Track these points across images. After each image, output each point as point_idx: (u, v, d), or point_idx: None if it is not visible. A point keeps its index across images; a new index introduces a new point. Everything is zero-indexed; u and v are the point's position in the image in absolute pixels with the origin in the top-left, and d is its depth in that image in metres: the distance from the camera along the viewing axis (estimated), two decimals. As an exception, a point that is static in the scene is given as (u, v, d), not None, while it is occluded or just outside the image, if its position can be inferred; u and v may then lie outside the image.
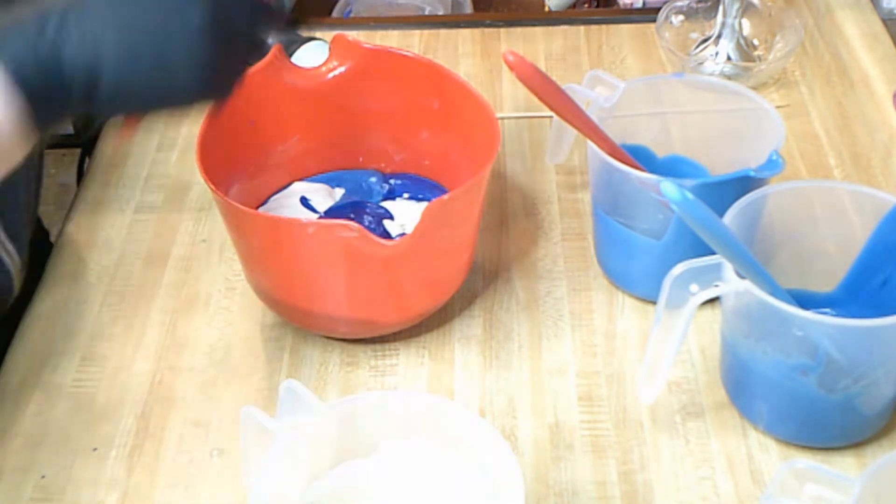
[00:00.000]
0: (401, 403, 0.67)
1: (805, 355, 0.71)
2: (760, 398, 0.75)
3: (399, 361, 0.83)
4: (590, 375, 0.81)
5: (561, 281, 0.89)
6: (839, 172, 0.98)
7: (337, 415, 0.65)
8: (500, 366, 0.82)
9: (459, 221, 0.81)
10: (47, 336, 0.85)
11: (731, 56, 1.08)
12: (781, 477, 0.61)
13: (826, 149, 1.01)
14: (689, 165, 0.90)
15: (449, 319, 0.86)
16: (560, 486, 0.74)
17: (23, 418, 0.79)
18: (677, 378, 0.80)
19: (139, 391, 0.81)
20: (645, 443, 0.76)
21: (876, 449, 0.75)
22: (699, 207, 0.67)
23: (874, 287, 0.79)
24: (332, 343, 0.84)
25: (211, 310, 0.87)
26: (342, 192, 0.93)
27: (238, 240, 0.82)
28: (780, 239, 0.80)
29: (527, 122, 1.04)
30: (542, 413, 0.78)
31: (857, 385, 0.71)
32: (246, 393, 0.81)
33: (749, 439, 0.76)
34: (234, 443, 0.76)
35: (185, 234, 0.94)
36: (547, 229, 0.93)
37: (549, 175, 0.99)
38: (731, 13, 1.07)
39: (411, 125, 0.91)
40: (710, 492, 0.73)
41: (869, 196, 0.78)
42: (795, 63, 1.10)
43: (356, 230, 0.74)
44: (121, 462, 0.76)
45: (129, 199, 0.98)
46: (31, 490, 0.75)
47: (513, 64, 0.75)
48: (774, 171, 0.79)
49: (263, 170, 0.91)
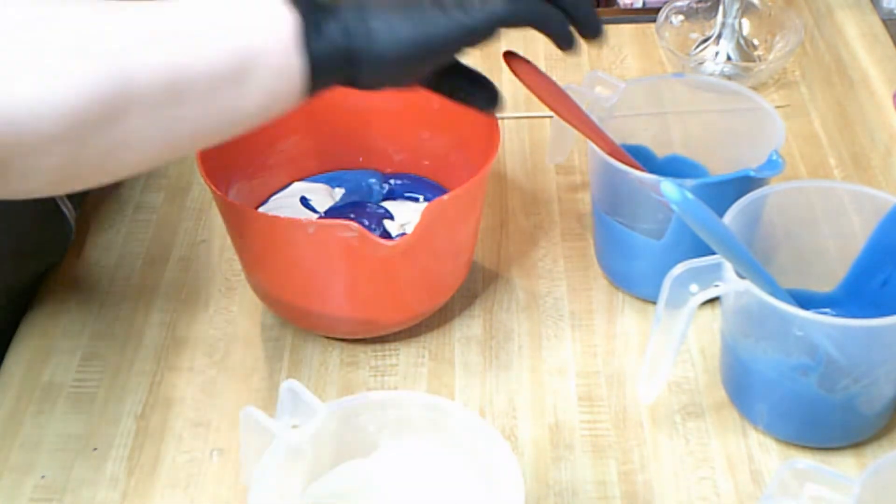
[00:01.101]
0: (401, 403, 0.67)
1: (805, 355, 0.71)
2: (760, 398, 0.75)
3: (399, 361, 0.83)
4: (590, 375, 0.81)
5: (561, 281, 0.89)
6: (839, 172, 0.98)
7: (337, 415, 0.65)
8: (500, 366, 0.82)
9: (459, 221, 0.81)
10: (47, 336, 0.85)
11: (731, 56, 1.08)
12: (781, 477, 0.61)
13: (826, 149, 1.01)
14: (689, 165, 0.90)
15: (449, 319, 0.86)
16: (560, 486, 0.74)
17: (23, 418, 0.79)
18: (677, 378, 0.80)
19: (139, 391, 0.81)
20: (645, 443, 0.76)
21: (876, 449, 0.75)
22: (699, 207, 0.67)
23: (874, 287, 0.79)
24: (332, 343, 0.84)
25: (211, 310, 0.87)
26: (342, 192, 0.93)
27: (238, 240, 0.82)
28: (780, 239, 0.80)
29: (527, 122, 1.04)
30: (542, 413, 0.78)
31: (857, 385, 0.71)
32: (246, 393, 0.81)
33: (749, 439, 0.76)
34: (234, 443, 0.76)
35: (185, 234, 0.94)
36: (547, 229, 0.93)
37: (549, 175, 0.99)
38: (731, 13, 1.07)
39: (411, 125, 0.91)
40: (710, 492, 0.73)
41: (869, 196, 0.78)
42: (795, 63, 1.10)
43: (356, 230, 0.74)
44: (121, 462, 0.76)
45: (129, 199, 0.98)
46: (31, 490, 0.75)
47: (513, 64, 0.75)
48: (775, 172, 0.79)
49: (263, 170, 0.90)
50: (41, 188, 0.59)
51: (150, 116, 0.57)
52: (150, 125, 0.57)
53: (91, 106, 0.55)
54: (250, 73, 0.59)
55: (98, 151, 0.57)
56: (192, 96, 0.58)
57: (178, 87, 0.57)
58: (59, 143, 0.55)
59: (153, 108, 0.57)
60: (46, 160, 0.56)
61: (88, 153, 0.57)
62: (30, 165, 0.56)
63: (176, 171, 1.00)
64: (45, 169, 0.56)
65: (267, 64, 0.60)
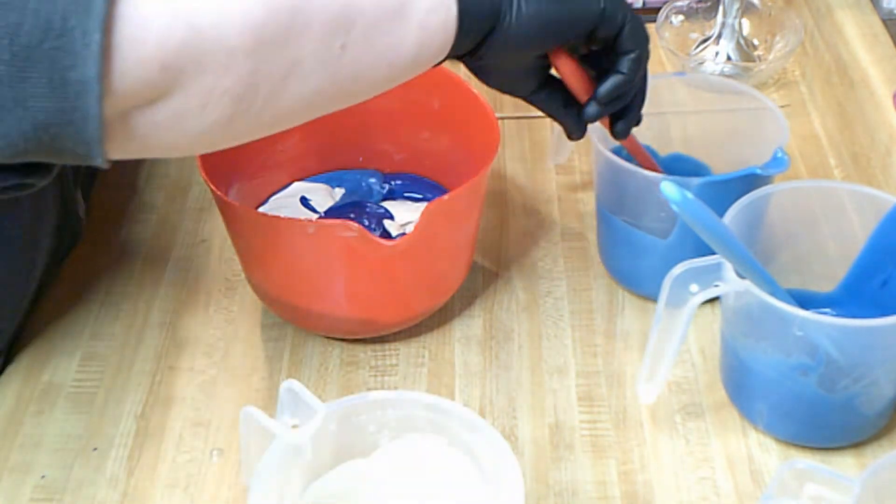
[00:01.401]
0: (401, 403, 0.67)
1: (805, 355, 0.71)
2: (760, 398, 0.75)
3: (399, 361, 0.83)
4: (590, 375, 0.81)
5: (561, 281, 0.89)
6: (839, 172, 0.98)
7: (337, 415, 0.65)
8: (500, 366, 0.82)
9: (459, 221, 0.81)
10: (47, 336, 0.85)
11: (731, 56, 1.08)
12: (781, 477, 0.61)
13: (826, 149, 1.01)
14: (692, 164, 0.90)
15: (449, 319, 0.86)
16: (560, 486, 0.74)
17: (23, 418, 0.79)
18: (677, 378, 0.80)
19: (139, 391, 0.81)
20: (645, 443, 0.76)
21: (876, 449, 0.75)
22: (699, 207, 0.67)
23: (874, 287, 0.79)
24: (332, 343, 0.84)
25: (211, 310, 0.87)
26: (342, 192, 0.93)
27: (238, 240, 0.82)
28: (781, 239, 0.80)
29: (527, 122, 1.04)
30: (542, 413, 0.78)
31: (857, 385, 0.71)
32: (246, 393, 0.81)
33: (749, 439, 0.76)
34: (234, 443, 0.76)
35: (185, 234, 0.94)
36: (547, 229, 0.94)
37: (549, 175, 0.99)
38: (731, 13, 1.07)
39: (411, 125, 0.91)
40: (710, 492, 0.73)
41: (869, 196, 0.78)
42: (795, 63, 1.10)
43: (356, 230, 0.74)
44: (121, 462, 0.76)
45: (130, 199, 0.98)
46: (31, 490, 0.75)
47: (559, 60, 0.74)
48: (780, 169, 0.79)
49: (263, 170, 0.91)
50: (210, 131, 0.58)
51: (320, 42, 0.58)
52: (319, 53, 0.58)
53: (270, 18, 0.55)
54: (409, 7, 0.61)
55: (271, 79, 0.57)
56: (358, 27, 0.59)
57: (347, 11, 0.58)
58: (239, 58, 0.55)
59: (324, 35, 0.58)
60: (225, 80, 0.55)
61: (262, 79, 0.56)
62: (209, 87, 0.55)
63: (176, 171, 1.00)
64: (222, 94, 0.55)
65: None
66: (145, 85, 0.53)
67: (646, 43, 0.71)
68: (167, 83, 0.54)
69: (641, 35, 0.70)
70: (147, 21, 0.52)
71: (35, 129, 0.52)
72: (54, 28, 0.50)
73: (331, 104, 0.63)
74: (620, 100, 0.72)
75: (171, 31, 0.53)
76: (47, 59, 0.50)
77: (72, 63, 0.50)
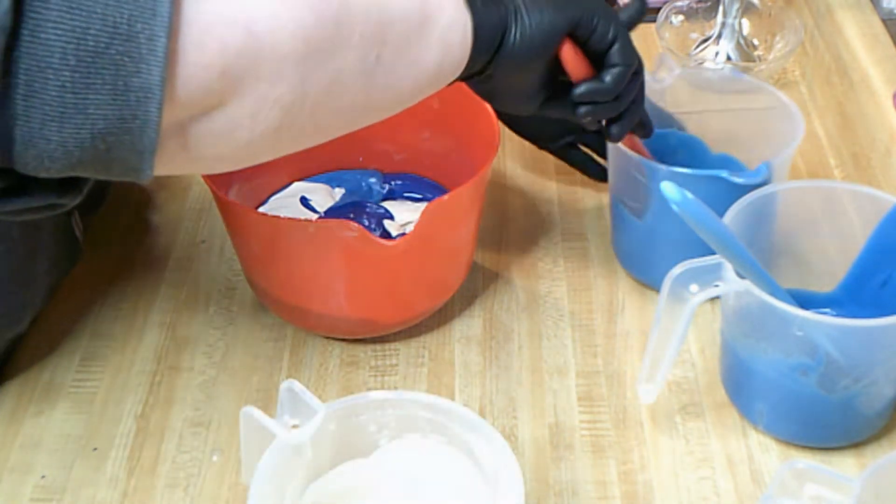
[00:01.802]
0: (401, 403, 0.67)
1: (805, 355, 0.71)
2: (760, 398, 0.75)
3: (399, 361, 0.83)
4: (590, 375, 0.81)
5: (561, 281, 0.89)
6: (839, 172, 0.98)
7: (337, 415, 0.65)
8: (500, 366, 0.82)
9: (459, 221, 0.81)
10: (47, 336, 0.85)
11: (731, 56, 1.08)
12: (781, 477, 0.61)
13: (826, 149, 1.01)
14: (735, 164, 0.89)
15: (449, 319, 0.86)
16: (560, 486, 0.74)
17: (23, 418, 0.79)
18: (677, 378, 0.80)
19: (139, 391, 0.81)
20: (645, 443, 0.76)
21: (876, 449, 0.75)
22: (699, 207, 0.67)
23: (874, 287, 0.79)
24: (332, 343, 0.84)
25: (211, 310, 0.87)
26: (342, 192, 0.93)
27: (238, 240, 0.82)
28: (780, 239, 0.80)
29: (527, 122, 1.04)
30: (542, 413, 0.78)
31: (857, 385, 0.71)
32: (246, 393, 0.81)
33: (749, 439, 0.76)
34: (234, 443, 0.76)
35: (185, 234, 0.94)
36: (547, 229, 0.94)
37: (549, 175, 0.99)
38: (731, 13, 1.07)
39: (411, 125, 0.91)
40: (710, 492, 0.73)
41: (869, 196, 0.78)
42: (795, 63, 1.10)
43: (356, 230, 0.74)
44: (121, 462, 0.76)
45: (130, 199, 0.98)
46: (31, 490, 0.75)
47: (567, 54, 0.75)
48: (753, 180, 0.78)
49: (263, 170, 0.90)
50: (257, 141, 0.57)
51: (360, 51, 0.58)
52: (358, 63, 0.58)
53: (319, 25, 0.55)
54: (431, 22, 0.62)
55: (316, 89, 0.57)
56: (391, 40, 0.60)
57: (381, 23, 0.59)
58: (290, 66, 0.54)
59: (363, 45, 0.58)
60: (277, 88, 0.55)
61: (309, 89, 0.56)
62: (262, 95, 0.54)
63: (176, 171, 1.00)
64: (273, 103, 0.55)
65: (443, 12, 0.63)
66: (205, 92, 0.52)
67: (634, 61, 0.73)
68: (225, 91, 0.53)
69: (630, 53, 0.73)
70: (209, 26, 0.51)
71: (93, 138, 0.50)
72: (121, 32, 0.48)
73: (361, 119, 0.63)
74: (603, 107, 0.74)
75: (231, 36, 0.52)
76: (112, 65, 0.49)
77: (136, 68, 0.49)
